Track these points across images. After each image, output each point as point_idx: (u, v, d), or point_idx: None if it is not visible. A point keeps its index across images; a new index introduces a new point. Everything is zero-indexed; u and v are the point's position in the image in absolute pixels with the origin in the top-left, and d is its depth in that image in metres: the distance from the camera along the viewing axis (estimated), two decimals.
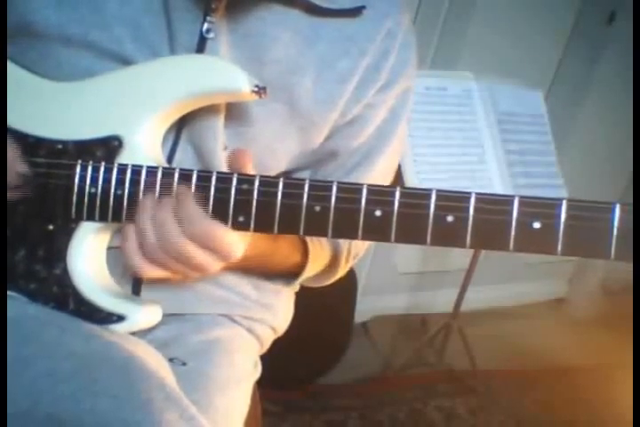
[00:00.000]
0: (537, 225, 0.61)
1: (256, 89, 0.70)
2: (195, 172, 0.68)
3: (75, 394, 0.62)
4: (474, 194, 0.62)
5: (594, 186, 2.22)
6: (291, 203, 0.66)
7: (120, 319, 0.72)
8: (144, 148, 0.72)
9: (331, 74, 0.78)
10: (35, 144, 0.73)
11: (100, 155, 0.72)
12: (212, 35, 0.72)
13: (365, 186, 0.65)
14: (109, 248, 0.76)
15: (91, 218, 0.71)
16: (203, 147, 0.76)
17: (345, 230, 0.66)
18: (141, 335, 0.76)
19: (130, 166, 0.70)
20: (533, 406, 2.08)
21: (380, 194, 0.64)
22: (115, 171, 0.70)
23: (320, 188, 0.65)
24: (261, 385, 0.90)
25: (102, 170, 0.71)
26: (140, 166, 0.69)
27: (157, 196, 0.68)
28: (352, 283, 1.97)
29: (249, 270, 0.86)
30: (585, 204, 0.60)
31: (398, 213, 0.64)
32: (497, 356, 2.25)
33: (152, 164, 0.70)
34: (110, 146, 0.72)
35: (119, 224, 0.72)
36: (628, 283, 0.86)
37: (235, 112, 0.76)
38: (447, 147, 1.69)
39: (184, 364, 0.77)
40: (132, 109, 0.72)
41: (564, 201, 0.60)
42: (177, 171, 0.68)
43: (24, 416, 0.61)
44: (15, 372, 0.63)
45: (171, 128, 0.75)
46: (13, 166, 0.71)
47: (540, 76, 2.33)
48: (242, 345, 0.87)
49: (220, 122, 0.75)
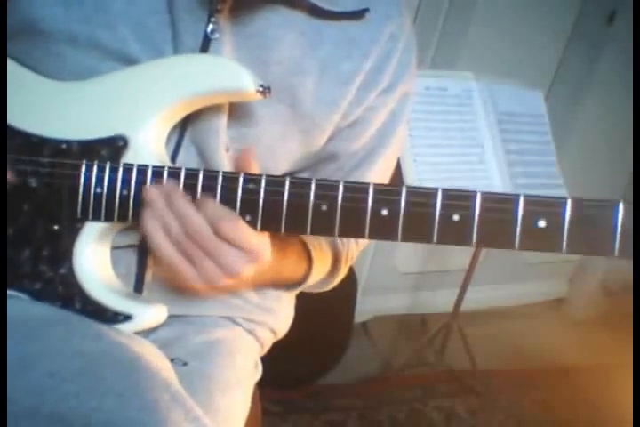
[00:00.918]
0: (542, 224, 0.61)
1: (261, 89, 0.70)
2: (201, 171, 0.68)
3: (80, 393, 0.62)
4: (479, 193, 0.63)
5: (594, 186, 2.21)
6: (297, 202, 0.66)
7: (127, 319, 0.72)
8: (149, 147, 0.72)
9: (333, 76, 0.78)
10: (39, 144, 0.73)
11: (105, 155, 0.72)
12: (217, 35, 0.73)
13: (372, 185, 0.65)
14: (113, 248, 0.75)
15: (96, 218, 0.71)
16: (205, 147, 0.76)
17: (352, 229, 0.66)
18: (144, 335, 0.76)
19: (136, 166, 0.70)
20: (533, 406, 2.08)
21: (387, 193, 0.65)
22: (120, 171, 0.70)
23: (327, 187, 0.66)
24: (261, 385, 0.90)
25: (108, 170, 0.71)
26: (146, 166, 0.70)
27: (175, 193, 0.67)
28: (352, 283, 1.97)
29: (258, 287, 0.86)
30: (589, 202, 0.61)
31: (405, 212, 0.64)
32: (497, 356, 2.25)
33: (157, 163, 0.70)
34: (115, 146, 0.72)
35: (124, 224, 0.72)
36: (628, 283, 0.87)
37: (238, 113, 0.76)
38: (447, 147, 1.69)
39: (185, 364, 0.77)
40: (137, 109, 0.72)
41: (569, 200, 0.61)
42: (183, 171, 0.68)
43: (29, 415, 0.61)
44: (19, 371, 0.63)
45: (174, 128, 0.75)
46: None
47: (540, 76, 2.33)
48: (243, 346, 0.87)
49: (223, 122, 0.75)
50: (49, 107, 0.74)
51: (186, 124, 0.75)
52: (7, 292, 0.74)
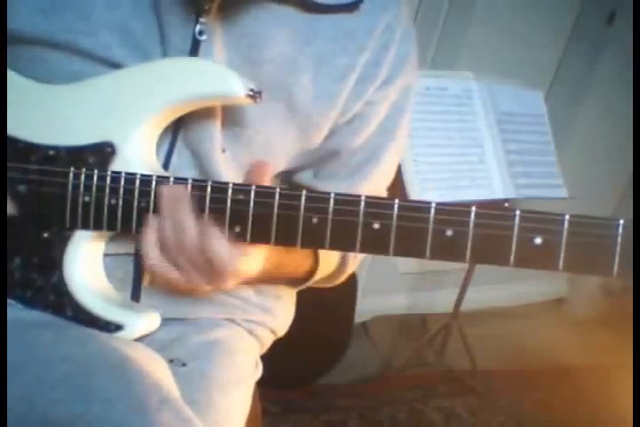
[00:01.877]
0: (538, 241, 0.60)
1: (251, 93, 0.68)
2: (190, 180, 0.67)
3: (67, 399, 0.62)
4: (474, 208, 0.61)
5: (594, 186, 2.22)
6: (288, 214, 0.65)
7: (118, 328, 0.72)
8: (137, 154, 0.70)
9: (329, 71, 0.76)
10: (26, 150, 0.71)
11: (93, 162, 0.70)
12: (205, 36, 0.71)
13: (364, 198, 0.63)
14: (107, 255, 0.75)
15: (85, 226, 0.70)
16: (200, 150, 0.74)
17: (343, 243, 0.64)
18: (142, 337, 0.76)
19: (123, 174, 0.68)
20: (533, 406, 2.08)
21: (379, 206, 0.63)
22: (108, 179, 0.69)
23: (317, 199, 0.64)
24: (261, 385, 0.90)
25: (95, 178, 0.69)
26: (134, 175, 0.68)
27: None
28: (352, 283, 1.97)
29: (263, 283, 0.86)
30: (588, 220, 0.58)
31: (397, 227, 0.62)
32: (497, 356, 2.25)
33: (146, 171, 0.68)
34: (103, 153, 0.70)
35: (115, 232, 0.71)
36: (628, 283, 0.86)
37: (232, 113, 0.74)
38: (447, 147, 1.68)
39: (184, 364, 0.77)
40: (124, 115, 0.70)
41: (567, 217, 0.59)
42: (171, 179, 0.67)
43: (20, 419, 0.61)
44: (9, 377, 0.63)
45: (166, 132, 0.73)
46: None
47: (540, 76, 2.33)
48: (242, 346, 0.86)
49: (217, 123, 0.74)
50: (35, 111, 0.72)
51: (178, 127, 0.74)
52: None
